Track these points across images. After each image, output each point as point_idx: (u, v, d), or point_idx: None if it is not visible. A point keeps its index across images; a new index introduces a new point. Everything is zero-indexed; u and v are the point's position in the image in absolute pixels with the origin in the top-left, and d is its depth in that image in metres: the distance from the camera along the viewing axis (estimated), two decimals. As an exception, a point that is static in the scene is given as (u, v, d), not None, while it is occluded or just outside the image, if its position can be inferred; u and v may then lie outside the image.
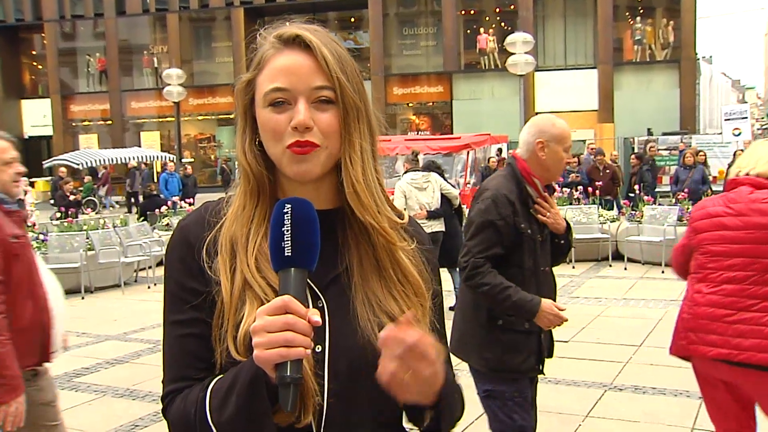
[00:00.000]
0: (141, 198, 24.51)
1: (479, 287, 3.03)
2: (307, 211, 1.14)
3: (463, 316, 3.29)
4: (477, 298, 3.11)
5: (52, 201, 20.46)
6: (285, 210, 1.14)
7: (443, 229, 8.23)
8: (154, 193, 16.51)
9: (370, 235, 1.29)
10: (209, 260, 1.27)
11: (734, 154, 16.00)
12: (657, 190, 16.69)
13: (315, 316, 1.09)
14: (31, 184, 24.79)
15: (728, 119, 17.90)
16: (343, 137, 1.26)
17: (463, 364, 3.29)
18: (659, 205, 12.37)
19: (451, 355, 1.33)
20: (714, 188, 14.75)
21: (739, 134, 17.66)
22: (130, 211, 22.42)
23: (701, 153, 15.59)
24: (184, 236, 1.32)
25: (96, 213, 19.74)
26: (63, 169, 22.12)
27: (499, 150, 19.45)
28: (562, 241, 3.33)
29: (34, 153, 34.06)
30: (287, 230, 1.13)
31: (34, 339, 3.02)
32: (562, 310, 3.14)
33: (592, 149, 18.63)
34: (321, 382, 1.21)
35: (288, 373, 1.07)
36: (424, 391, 1.18)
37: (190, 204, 16.11)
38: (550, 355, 3.34)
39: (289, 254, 1.12)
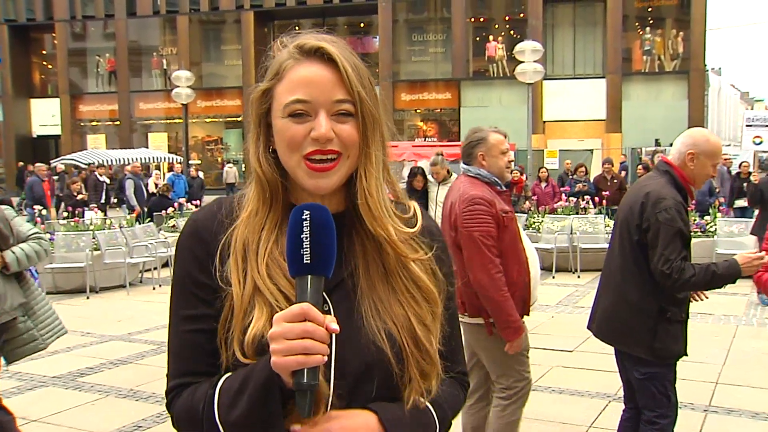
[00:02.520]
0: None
1: (689, 280, 3.33)
2: (325, 218, 1.15)
3: (627, 309, 3.57)
4: (689, 287, 3.41)
5: (24, 201, 20.18)
6: (304, 217, 1.14)
7: None
8: (165, 194, 16.46)
9: (380, 245, 1.30)
10: (221, 264, 1.28)
11: (740, 165, 15.89)
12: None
13: (333, 323, 1.11)
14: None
15: (750, 125, 16.74)
16: (361, 149, 1.27)
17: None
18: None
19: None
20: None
21: (761, 143, 16.67)
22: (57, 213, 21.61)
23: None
24: (196, 229, 1.33)
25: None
26: (42, 166, 21.47)
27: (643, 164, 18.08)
28: None
29: (42, 152, 34.20)
30: (306, 237, 1.13)
31: (519, 295, 3.73)
32: (753, 252, 3.48)
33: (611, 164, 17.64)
34: (327, 382, 1.22)
35: (305, 380, 1.09)
36: None
37: (196, 206, 16.14)
38: None
39: (308, 261, 1.13)
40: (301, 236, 1.13)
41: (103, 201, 18.43)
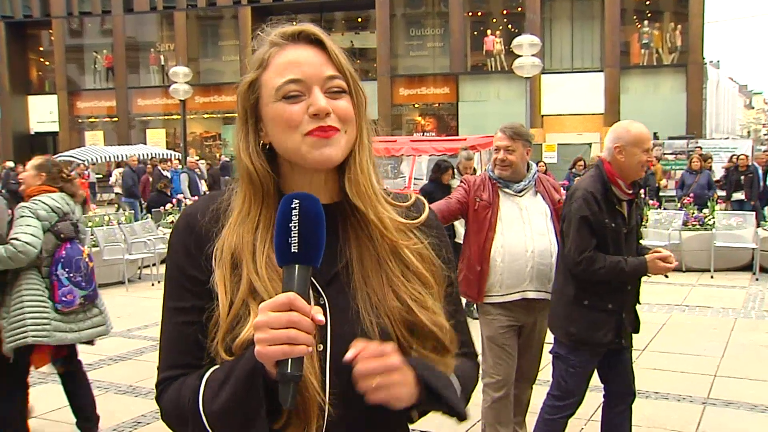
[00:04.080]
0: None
1: (598, 271, 3.53)
2: (315, 206, 1.13)
3: (555, 294, 3.82)
4: (598, 278, 3.57)
5: None
6: (293, 205, 1.12)
7: None
8: (164, 190, 16.40)
9: (370, 230, 1.28)
10: (213, 260, 1.26)
11: (731, 159, 15.94)
12: (661, 194, 16.60)
13: (319, 314, 1.09)
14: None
15: None
16: (357, 125, 1.27)
17: None
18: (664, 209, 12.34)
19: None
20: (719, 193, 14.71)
21: None
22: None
23: (708, 159, 15.54)
24: (189, 224, 1.31)
25: None
26: (9, 164, 21.28)
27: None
28: None
29: (40, 149, 34.09)
30: (294, 226, 1.12)
31: (471, 277, 4.01)
32: (660, 251, 3.64)
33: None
34: (323, 380, 1.20)
35: (289, 371, 1.07)
36: (400, 394, 1.18)
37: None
38: (636, 331, 3.85)
39: (296, 250, 1.11)
40: (289, 225, 1.11)
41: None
